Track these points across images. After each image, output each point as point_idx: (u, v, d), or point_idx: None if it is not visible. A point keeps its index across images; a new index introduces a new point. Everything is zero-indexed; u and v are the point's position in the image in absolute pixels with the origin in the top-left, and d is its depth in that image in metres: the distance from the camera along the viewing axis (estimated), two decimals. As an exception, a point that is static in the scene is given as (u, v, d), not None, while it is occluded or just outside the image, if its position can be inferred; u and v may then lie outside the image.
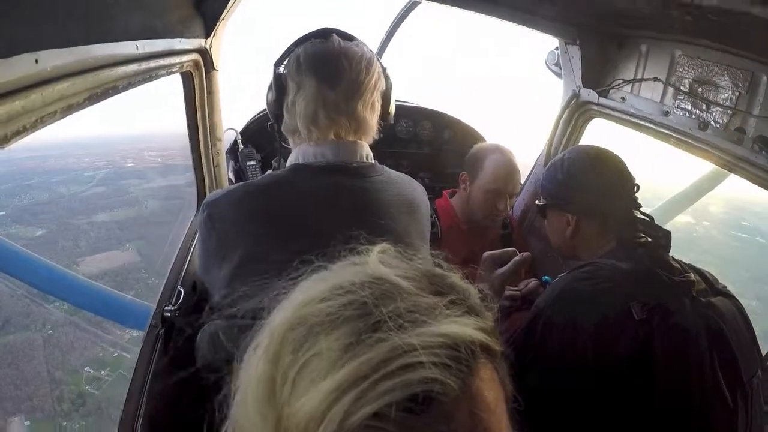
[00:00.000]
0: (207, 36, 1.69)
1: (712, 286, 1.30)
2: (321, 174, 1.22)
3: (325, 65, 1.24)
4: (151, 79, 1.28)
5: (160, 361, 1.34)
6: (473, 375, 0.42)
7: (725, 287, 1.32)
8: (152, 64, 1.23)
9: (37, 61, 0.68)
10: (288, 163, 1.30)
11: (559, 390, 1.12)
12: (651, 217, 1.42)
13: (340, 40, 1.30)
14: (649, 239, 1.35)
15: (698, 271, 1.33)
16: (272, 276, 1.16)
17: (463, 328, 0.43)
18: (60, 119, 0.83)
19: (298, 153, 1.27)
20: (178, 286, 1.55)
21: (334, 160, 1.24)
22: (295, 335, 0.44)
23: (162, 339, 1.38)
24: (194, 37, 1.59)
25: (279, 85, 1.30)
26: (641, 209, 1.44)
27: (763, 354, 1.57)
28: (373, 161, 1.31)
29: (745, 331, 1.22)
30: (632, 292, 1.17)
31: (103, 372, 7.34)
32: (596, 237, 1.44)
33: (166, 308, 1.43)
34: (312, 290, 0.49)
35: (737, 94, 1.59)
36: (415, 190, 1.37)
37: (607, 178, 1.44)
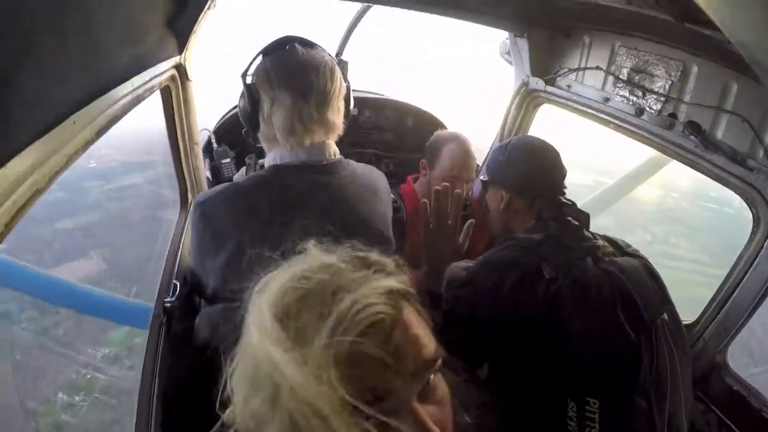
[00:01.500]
0: (181, 51, 1.90)
1: (621, 249, 1.64)
2: (297, 173, 1.50)
3: (295, 79, 1.49)
4: (138, 103, 1.51)
5: (165, 346, 1.60)
6: (402, 309, 0.67)
7: (636, 251, 1.66)
8: (140, 91, 1.47)
9: (74, 123, 0.96)
10: (266, 164, 1.57)
11: (488, 340, 1.50)
12: (574, 203, 1.74)
13: (303, 49, 1.54)
14: (567, 217, 1.66)
15: (610, 239, 1.67)
16: (259, 263, 1.43)
17: (389, 282, 0.68)
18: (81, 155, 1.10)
19: (276, 155, 1.54)
20: (174, 280, 1.80)
21: (307, 159, 1.51)
22: (279, 311, 0.66)
23: (165, 327, 1.65)
24: (170, 54, 1.80)
25: (252, 98, 1.53)
26: (566, 196, 1.76)
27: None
28: (339, 157, 1.59)
29: (648, 282, 1.54)
30: (543, 256, 1.52)
31: (77, 397, 6.98)
32: (523, 213, 1.78)
33: (165, 300, 1.69)
34: (285, 276, 0.71)
35: (670, 82, 1.85)
36: (376, 178, 1.67)
37: (539, 165, 1.78)
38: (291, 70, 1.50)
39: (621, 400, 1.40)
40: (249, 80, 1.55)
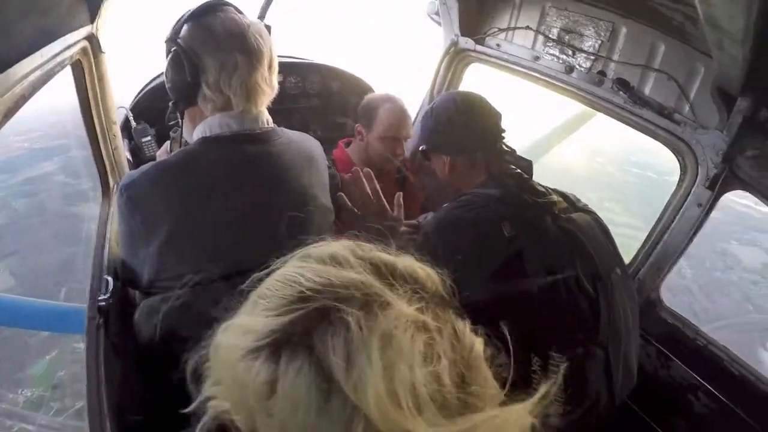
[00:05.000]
0: (93, 20, 1.75)
1: (573, 204, 1.71)
2: (229, 144, 1.43)
3: (245, 42, 1.41)
4: (49, 80, 1.41)
5: (107, 349, 1.49)
6: None
7: (585, 205, 1.74)
8: (50, 65, 1.35)
9: None
10: (195, 137, 1.48)
11: None
12: (514, 150, 1.78)
13: (238, 14, 1.46)
14: (517, 169, 1.72)
15: (561, 194, 1.73)
16: (200, 246, 1.40)
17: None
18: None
19: (205, 126, 1.45)
20: (105, 276, 1.67)
21: (239, 129, 1.44)
22: None
23: (103, 328, 1.53)
24: (81, 24, 1.66)
25: (191, 63, 1.39)
26: (505, 142, 1.78)
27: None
28: (273, 125, 1.53)
29: (602, 238, 1.65)
30: (502, 214, 1.55)
31: (6, 461, 6.42)
32: (469, 171, 1.78)
33: (99, 299, 1.56)
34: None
35: (600, 42, 1.98)
36: (312, 146, 1.64)
37: (469, 119, 1.77)
38: (238, 32, 1.41)
39: (582, 352, 1.50)
40: (182, 45, 1.41)
